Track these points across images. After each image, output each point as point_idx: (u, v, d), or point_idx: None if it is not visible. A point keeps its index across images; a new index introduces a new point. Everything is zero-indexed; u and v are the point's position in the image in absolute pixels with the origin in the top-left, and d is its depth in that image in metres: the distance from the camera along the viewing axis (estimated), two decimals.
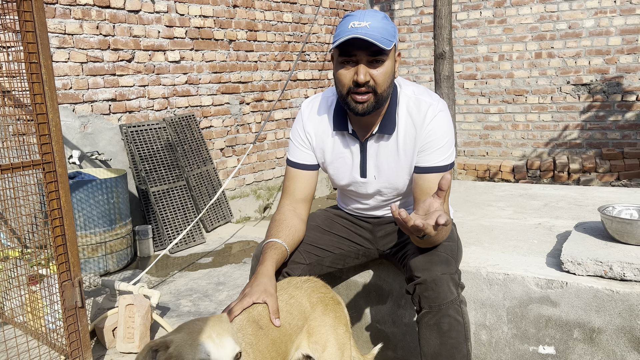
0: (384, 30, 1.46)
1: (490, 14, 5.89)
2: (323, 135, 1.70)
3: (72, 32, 3.60)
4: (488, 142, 6.15)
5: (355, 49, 1.46)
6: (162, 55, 4.17)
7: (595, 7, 5.41)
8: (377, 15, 1.49)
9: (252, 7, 4.93)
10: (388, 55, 1.50)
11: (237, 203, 4.90)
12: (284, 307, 1.43)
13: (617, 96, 5.46)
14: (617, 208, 1.89)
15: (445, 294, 1.43)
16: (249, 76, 4.95)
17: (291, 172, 1.74)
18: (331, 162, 1.73)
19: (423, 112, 1.58)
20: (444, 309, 1.43)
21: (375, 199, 1.77)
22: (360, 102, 1.52)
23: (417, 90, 1.64)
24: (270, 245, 1.57)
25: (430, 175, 1.58)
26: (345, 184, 1.75)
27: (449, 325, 1.43)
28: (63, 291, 2.03)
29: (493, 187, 3.08)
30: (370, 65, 1.49)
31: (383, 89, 1.52)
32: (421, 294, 1.47)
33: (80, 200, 3.22)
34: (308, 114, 1.72)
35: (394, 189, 1.70)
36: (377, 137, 1.65)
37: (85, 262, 3.31)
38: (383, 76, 1.50)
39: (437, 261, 1.49)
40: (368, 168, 1.68)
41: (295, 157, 1.73)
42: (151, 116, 4.14)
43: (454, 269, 1.49)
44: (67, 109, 3.60)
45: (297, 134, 1.73)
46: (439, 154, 1.57)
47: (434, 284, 1.44)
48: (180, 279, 3.28)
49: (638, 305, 1.57)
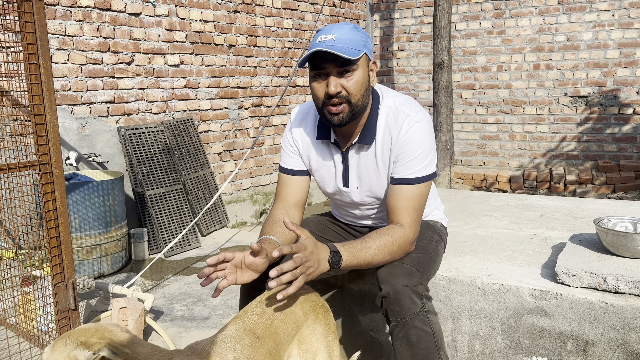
0: (350, 41, 1.48)
1: (489, 24, 5.93)
2: (309, 143, 1.73)
3: (73, 34, 3.60)
4: (485, 152, 6.17)
5: (323, 62, 1.49)
6: (162, 59, 4.18)
7: (594, 21, 5.45)
8: (344, 27, 1.52)
9: (252, 13, 4.94)
10: (357, 65, 1.51)
11: (233, 208, 4.89)
12: (278, 315, 1.43)
13: (614, 109, 5.49)
14: (612, 220, 1.89)
15: (409, 306, 1.44)
16: (248, 81, 4.96)
17: (283, 178, 1.75)
18: (316, 170, 1.75)
19: (400, 122, 1.59)
20: (409, 321, 1.44)
21: (360, 209, 1.78)
22: (335, 114, 1.53)
23: (398, 100, 1.64)
24: (264, 240, 1.56)
25: (402, 187, 1.58)
26: (331, 192, 1.77)
27: (417, 336, 1.44)
28: (56, 293, 2.02)
29: (489, 197, 3.09)
30: (340, 76, 1.51)
31: (357, 98, 1.53)
32: (387, 307, 1.49)
33: (76, 202, 3.21)
34: (296, 121, 1.75)
35: (377, 198, 1.72)
36: (358, 147, 1.66)
37: (79, 264, 3.29)
38: (355, 85, 1.52)
39: (400, 273, 1.49)
40: (350, 178, 1.69)
41: (286, 163, 1.75)
42: (149, 119, 4.14)
43: (417, 281, 1.49)
44: (65, 110, 3.60)
45: (287, 141, 1.76)
46: (411, 165, 1.58)
47: (396, 297, 1.46)
48: (174, 283, 3.27)
49: (632, 318, 1.57)
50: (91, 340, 0.94)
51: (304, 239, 1.39)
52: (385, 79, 6.65)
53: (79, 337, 0.96)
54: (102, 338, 0.96)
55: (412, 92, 6.49)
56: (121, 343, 0.97)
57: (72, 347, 0.95)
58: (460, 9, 6.05)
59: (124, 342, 0.98)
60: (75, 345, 0.95)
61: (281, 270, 1.32)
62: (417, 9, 6.34)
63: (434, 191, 1.90)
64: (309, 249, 1.37)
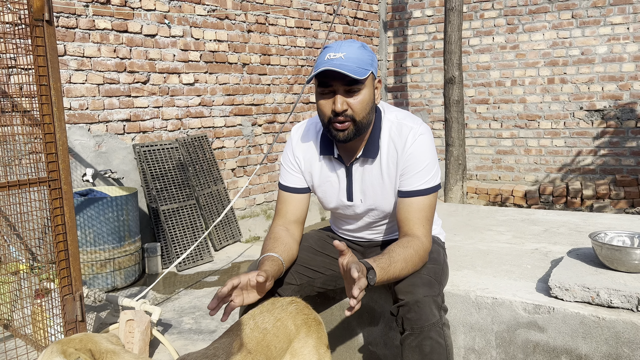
0: (358, 60, 1.52)
1: (502, 39, 5.94)
2: (311, 160, 1.75)
3: (91, 55, 3.75)
4: (500, 167, 6.13)
5: (331, 80, 1.53)
6: (177, 78, 4.30)
7: (608, 34, 5.41)
8: (353, 45, 1.55)
9: (266, 32, 5.06)
10: (364, 84, 1.55)
11: (247, 223, 4.96)
12: (270, 329, 1.46)
13: (631, 122, 5.42)
14: (609, 234, 1.88)
15: (427, 316, 1.45)
16: (262, 99, 5.05)
17: (283, 195, 1.78)
18: (319, 186, 1.78)
19: (404, 136, 1.63)
20: (426, 331, 1.45)
21: (363, 221, 1.81)
22: (340, 130, 1.57)
23: (400, 115, 1.68)
24: (267, 258, 1.58)
25: (412, 199, 1.61)
26: (334, 207, 1.80)
27: (431, 347, 1.45)
28: (64, 305, 2.10)
29: (496, 211, 3.09)
30: (347, 94, 1.54)
31: (362, 117, 1.57)
32: (404, 316, 1.49)
33: (91, 217, 3.32)
34: (297, 139, 1.78)
35: (381, 211, 1.74)
36: (362, 161, 1.69)
37: (93, 277, 3.38)
38: (360, 104, 1.55)
39: (420, 283, 1.51)
40: (354, 191, 1.72)
41: (287, 181, 1.78)
42: (164, 136, 4.25)
43: (437, 292, 1.51)
44: (82, 129, 3.73)
45: (288, 159, 1.79)
46: (419, 177, 1.61)
47: (416, 306, 1.46)
48: (185, 297, 3.33)
49: (624, 333, 1.56)
50: (69, 350, 1.00)
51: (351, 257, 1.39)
52: (399, 95, 6.69)
53: (63, 345, 1.02)
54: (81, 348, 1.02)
55: (426, 107, 6.51)
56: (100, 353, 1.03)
57: (55, 355, 1.01)
58: (473, 25, 6.07)
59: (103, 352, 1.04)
60: (57, 353, 1.01)
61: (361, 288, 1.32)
62: (430, 25, 6.39)
63: None
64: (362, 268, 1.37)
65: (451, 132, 4.75)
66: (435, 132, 6.46)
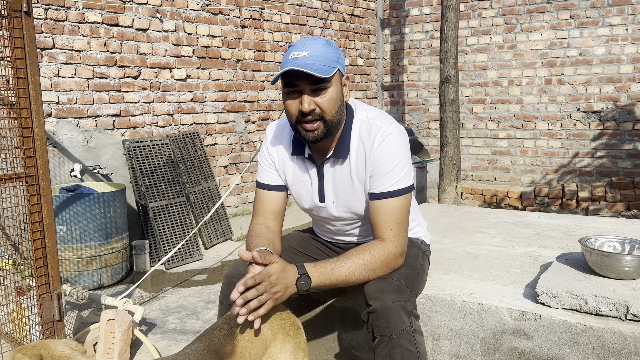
0: (323, 57, 1.47)
1: (500, 39, 5.88)
2: (284, 159, 1.72)
3: (80, 49, 3.69)
4: (496, 168, 6.08)
5: (296, 79, 1.48)
6: (169, 73, 4.25)
7: (607, 35, 5.36)
8: (317, 42, 1.50)
9: (260, 28, 5.00)
10: (331, 82, 1.50)
11: (238, 220, 4.90)
12: (245, 335, 1.41)
13: (628, 124, 5.37)
14: (599, 240, 1.84)
15: (396, 323, 1.41)
16: (256, 95, 5.00)
17: (261, 193, 1.74)
18: (292, 185, 1.74)
19: (372, 136, 1.58)
20: (395, 338, 1.41)
21: (338, 224, 1.76)
22: (309, 131, 1.53)
23: (371, 114, 1.63)
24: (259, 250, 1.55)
25: (381, 202, 1.56)
26: (308, 207, 1.76)
27: (401, 355, 1.41)
28: (41, 304, 2.04)
29: (488, 213, 3.04)
30: (314, 93, 1.50)
31: (331, 115, 1.52)
32: (373, 323, 1.45)
33: (77, 213, 3.26)
34: (271, 137, 1.74)
35: (354, 213, 1.70)
36: (332, 162, 1.65)
37: (79, 274, 3.33)
38: (328, 103, 1.51)
39: (389, 289, 1.46)
40: (326, 193, 1.68)
41: (264, 178, 1.74)
42: (155, 132, 4.19)
43: (407, 298, 1.46)
44: (71, 123, 3.68)
45: (264, 156, 1.75)
46: (387, 178, 1.56)
47: (384, 313, 1.42)
48: (171, 296, 3.28)
49: (612, 342, 1.52)
50: (17, 356, 0.97)
51: (270, 266, 1.41)
52: (396, 94, 6.64)
53: (16, 352, 0.99)
54: (32, 354, 0.98)
55: (423, 107, 6.46)
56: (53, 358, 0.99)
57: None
58: (471, 24, 6.02)
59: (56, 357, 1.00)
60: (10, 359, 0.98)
61: (246, 298, 1.33)
62: (427, 24, 6.33)
63: (415, 207, 1.88)
64: (274, 275, 1.39)
65: (446, 131, 4.69)
66: (432, 132, 6.41)
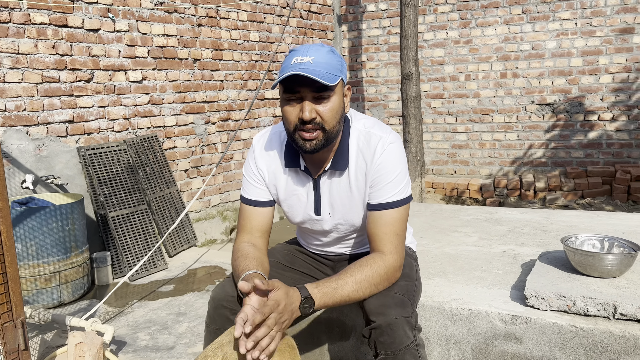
0: (328, 65, 1.41)
1: (456, 34, 5.96)
2: (275, 172, 1.63)
3: (27, 52, 3.46)
4: (456, 161, 6.19)
5: (298, 86, 1.40)
6: (123, 75, 4.06)
7: (557, 29, 5.53)
8: (321, 49, 1.43)
9: (217, 26, 4.86)
10: (334, 91, 1.44)
11: (202, 225, 4.77)
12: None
13: (579, 116, 5.57)
14: (579, 238, 1.86)
15: (402, 339, 1.37)
16: (215, 95, 4.86)
17: (246, 210, 1.65)
18: (284, 199, 1.66)
19: (373, 145, 1.53)
20: (400, 354, 1.37)
21: (331, 236, 1.70)
22: (308, 140, 1.45)
23: (368, 123, 1.58)
24: (250, 276, 1.44)
25: (381, 213, 1.52)
26: (300, 221, 1.68)
27: None
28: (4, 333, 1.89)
29: (459, 210, 3.06)
30: (315, 101, 1.43)
31: (332, 125, 1.46)
32: (377, 339, 1.40)
33: (33, 228, 3.07)
34: (259, 149, 1.64)
35: (350, 225, 1.64)
36: (330, 174, 1.58)
37: (37, 293, 3.14)
38: (330, 112, 1.44)
39: (392, 304, 1.42)
40: (322, 205, 1.61)
41: (250, 194, 1.65)
42: (111, 138, 4.00)
43: (410, 311, 1.43)
44: (20, 132, 3.45)
45: (250, 170, 1.65)
46: (389, 188, 1.51)
47: (389, 329, 1.38)
48: (139, 310, 3.14)
49: (602, 342, 1.54)
50: None
51: (275, 294, 1.32)
52: (355, 90, 6.63)
53: None
54: None
55: (382, 102, 6.48)
56: None
57: None
58: (427, 19, 6.07)
59: None
60: None
61: (257, 338, 1.24)
62: (384, 20, 6.34)
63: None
64: (282, 303, 1.31)
65: (409, 128, 4.72)
66: (392, 127, 6.44)
